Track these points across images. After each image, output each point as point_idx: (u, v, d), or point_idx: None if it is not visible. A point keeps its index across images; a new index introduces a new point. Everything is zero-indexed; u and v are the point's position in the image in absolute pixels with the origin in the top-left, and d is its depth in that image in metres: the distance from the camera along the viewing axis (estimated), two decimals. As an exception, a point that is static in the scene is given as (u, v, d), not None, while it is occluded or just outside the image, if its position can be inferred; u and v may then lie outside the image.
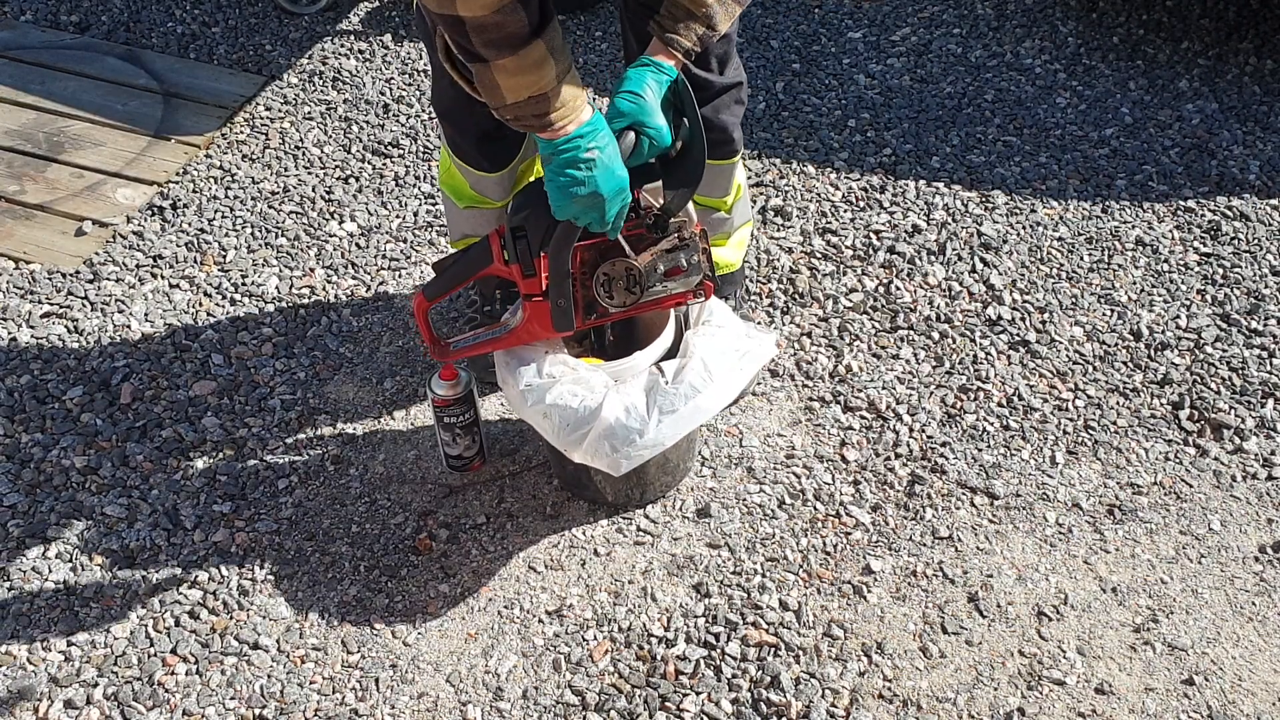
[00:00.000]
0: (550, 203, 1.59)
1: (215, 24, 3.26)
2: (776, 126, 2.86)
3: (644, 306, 1.76)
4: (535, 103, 1.49)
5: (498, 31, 1.42)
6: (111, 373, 2.28)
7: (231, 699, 1.79)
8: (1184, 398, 2.21)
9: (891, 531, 2.00)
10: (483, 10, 1.40)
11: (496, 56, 1.44)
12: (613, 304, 1.73)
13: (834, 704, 1.76)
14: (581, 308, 1.74)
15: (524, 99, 1.49)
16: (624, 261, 1.71)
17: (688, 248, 1.73)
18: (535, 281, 1.71)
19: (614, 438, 1.70)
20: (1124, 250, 2.53)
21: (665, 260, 1.72)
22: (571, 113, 1.52)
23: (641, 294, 1.74)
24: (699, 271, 1.75)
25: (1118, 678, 1.80)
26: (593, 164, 1.55)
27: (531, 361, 1.78)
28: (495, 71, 1.46)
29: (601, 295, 1.73)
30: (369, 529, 2.02)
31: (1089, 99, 2.94)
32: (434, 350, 1.86)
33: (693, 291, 1.77)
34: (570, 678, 1.81)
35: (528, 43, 1.44)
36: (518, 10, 1.41)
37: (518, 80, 1.47)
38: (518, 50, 1.44)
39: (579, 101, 1.53)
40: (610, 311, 1.75)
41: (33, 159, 2.82)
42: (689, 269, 1.74)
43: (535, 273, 1.70)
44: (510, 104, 1.50)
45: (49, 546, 1.99)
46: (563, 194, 1.57)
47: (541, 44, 1.45)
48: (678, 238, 1.72)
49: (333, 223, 2.62)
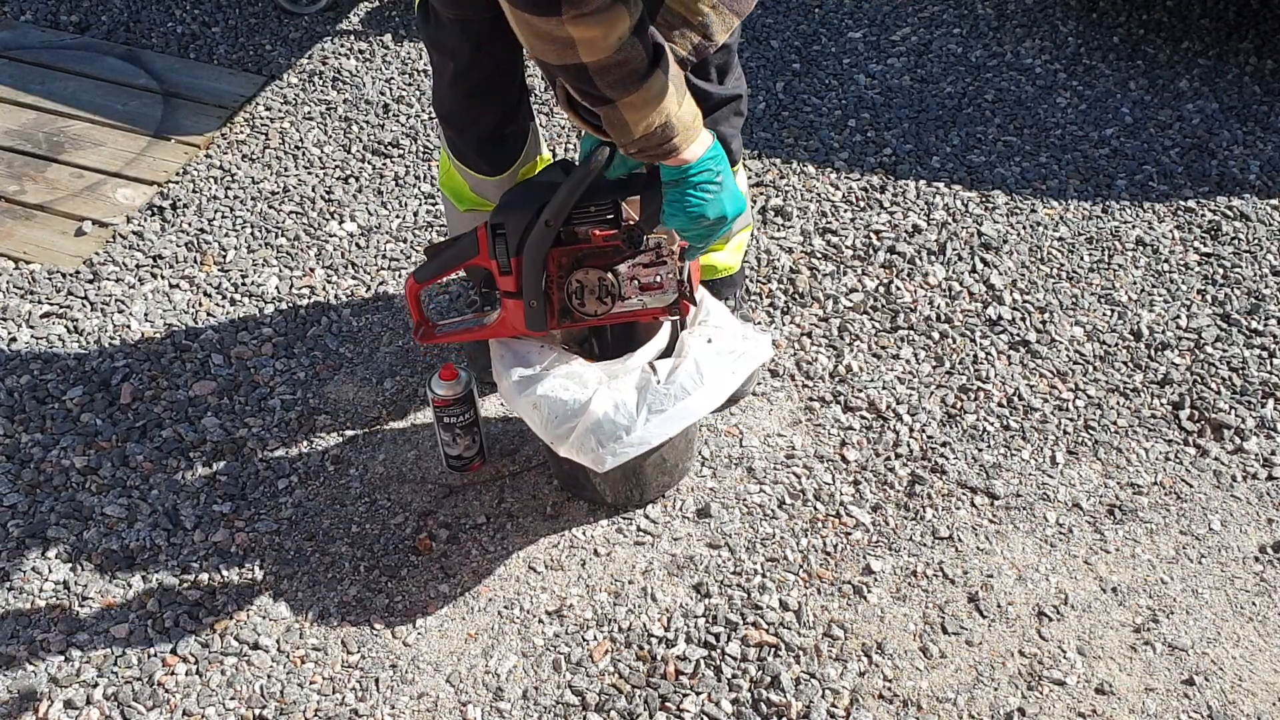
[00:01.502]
0: (668, 222, 1.60)
1: (215, 24, 3.26)
2: (776, 126, 2.87)
3: (617, 317, 1.76)
4: (661, 131, 1.47)
5: (621, 70, 1.39)
6: (111, 373, 2.29)
7: (231, 699, 1.79)
8: (1184, 398, 2.21)
9: (891, 531, 2.00)
10: (605, 53, 1.37)
11: (623, 95, 1.41)
12: (584, 311, 1.74)
13: (834, 704, 1.76)
14: (556, 311, 1.74)
15: (652, 130, 1.47)
16: (597, 271, 1.70)
17: (665, 264, 1.73)
18: (511, 279, 1.72)
19: (601, 433, 1.70)
20: (1124, 250, 2.53)
21: (642, 274, 1.72)
22: (692, 135, 1.51)
23: (614, 305, 1.73)
24: (675, 290, 1.74)
25: (1118, 678, 1.80)
26: (720, 188, 1.56)
27: (526, 354, 1.78)
28: (623, 110, 1.43)
29: (573, 302, 1.73)
30: (369, 529, 2.02)
31: (1089, 99, 2.94)
32: (419, 331, 1.86)
33: (667, 309, 1.76)
34: (570, 678, 1.81)
35: (649, 74, 1.41)
36: (636, 44, 1.39)
37: (643, 114, 1.44)
38: (641, 84, 1.41)
39: (698, 123, 1.52)
40: (584, 319, 1.75)
41: (33, 159, 2.82)
42: (666, 285, 1.74)
43: (511, 271, 1.71)
44: (638, 138, 1.47)
45: (49, 546, 1.99)
46: (687, 215, 1.57)
47: (660, 73, 1.43)
48: (655, 253, 1.72)
49: (333, 223, 2.62)
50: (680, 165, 1.54)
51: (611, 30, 1.35)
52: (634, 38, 1.38)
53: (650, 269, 1.72)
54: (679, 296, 1.75)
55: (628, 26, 1.36)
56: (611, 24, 1.35)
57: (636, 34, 1.38)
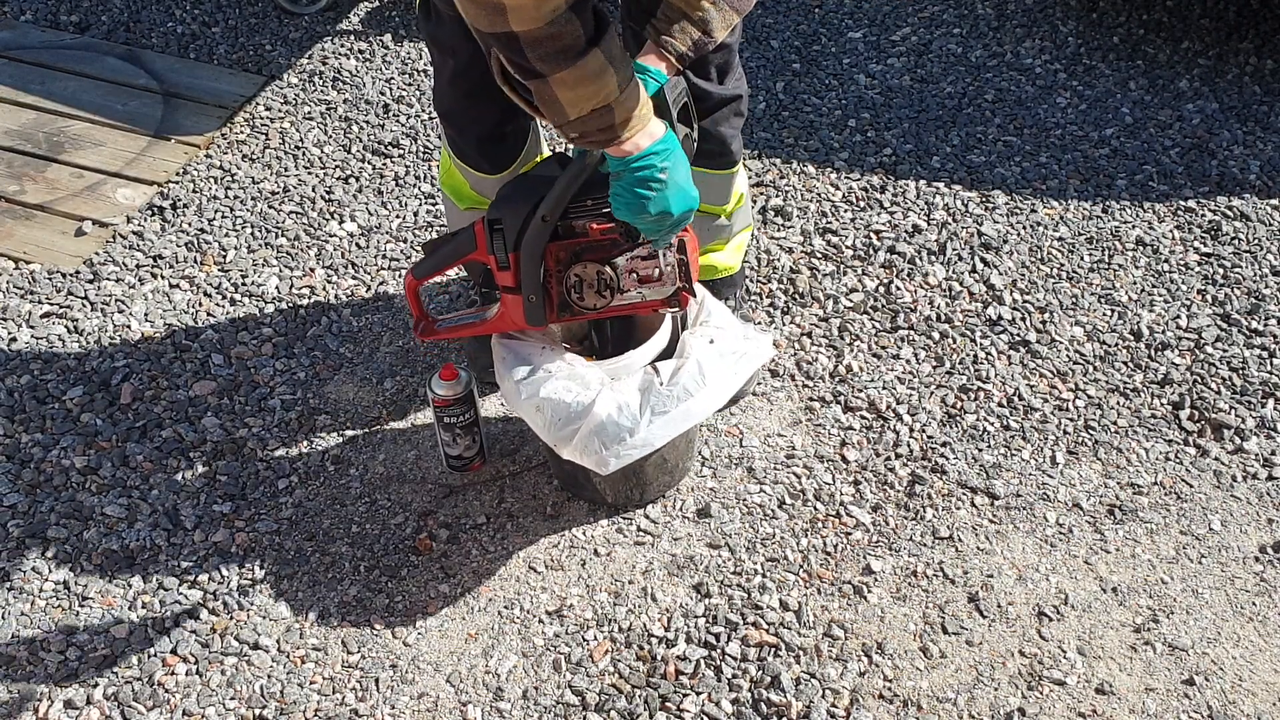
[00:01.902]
0: (616, 215, 1.59)
1: (215, 24, 3.26)
2: (776, 126, 2.86)
3: (616, 310, 1.76)
4: (599, 115, 1.44)
5: (554, 44, 1.37)
6: (111, 373, 2.28)
7: (231, 699, 1.79)
8: (1184, 398, 2.21)
9: (892, 531, 2.00)
10: (536, 23, 1.34)
11: (554, 70, 1.39)
12: (583, 305, 1.73)
13: (834, 704, 1.76)
14: (555, 305, 1.74)
15: (587, 113, 1.44)
16: (595, 265, 1.70)
17: (664, 256, 1.72)
18: (510, 274, 1.71)
19: (604, 435, 1.70)
20: (1124, 250, 2.53)
21: (641, 267, 1.72)
22: (639, 124, 1.49)
23: (612, 298, 1.73)
24: (674, 281, 1.74)
25: (1118, 678, 1.80)
26: (664, 183, 1.53)
27: (528, 356, 1.78)
28: (555, 86, 1.40)
29: (572, 296, 1.73)
30: (369, 529, 2.02)
31: (1089, 99, 2.94)
32: (419, 326, 1.86)
33: (666, 300, 1.76)
34: (570, 678, 1.81)
35: (585, 53, 1.38)
36: (572, 19, 1.36)
37: (578, 93, 1.41)
38: (575, 61, 1.38)
39: (645, 112, 1.49)
40: (583, 312, 1.75)
41: (33, 159, 2.82)
42: (665, 278, 1.73)
43: (509, 265, 1.70)
44: (574, 119, 1.45)
45: (49, 546, 1.99)
46: (631, 211, 1.56)
47: (599, 53, 1.40)
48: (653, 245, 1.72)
49: (333, 223, 2.62)
50: (622, 156, 1.51)
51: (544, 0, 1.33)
52: (570, 12, 1.36)
53: (648, 261, 1.72)
54: (678, 288, 1.75)
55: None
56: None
57: (574, 9, 1.36)
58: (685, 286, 1.75)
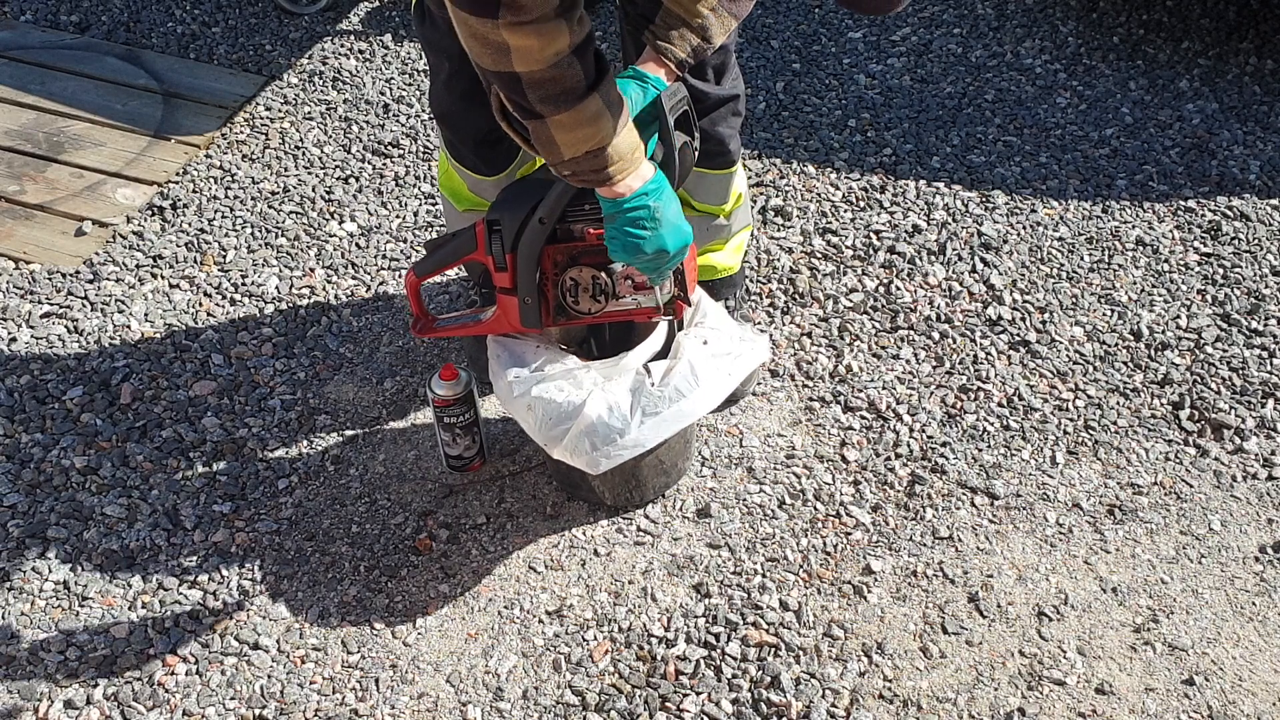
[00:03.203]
0: (612, 256, 1.60)
1: (215, 24, 3.26)
2: (776, 126, 2.86)
3: (611, 316, 1.76)
4: (593, 157, 1.46)
5: (554, 86, 1.38)
6: (111, 373, 2.28)
7: (231, 699, 1.79)
8: (1184, 398, 2.21)
9: (891, 531, 2.00)
10: (539, 65, 1.36)
11: (553, 112, 1.40)
12: (578, 309, 1.74)
13: (834, 704, 1.76)
14: (551, 308, 1.74)
15: (581, 154, 1.45)
16: (590, 269, 1.70)
17: None
18: (506, 275, 1.72)
19: (595, 436, 1.70)
20: (1124, 250, 2.53)
21: (635, 273, 1.72)
22: (630, 166, 1.50)
23: (607, 303, 1.73)
24: (670, 289, 1.74)
25: (1118, 678, 1.80)
26: (658, 222, 1.54)
27: (522, 355, 1.78)
28: (552, 128, 1.42)
29: (568, 300, 1.73)
30: (369, 529, 2.02)
31: (1089, 99, 2.94)
32: (417, 324, 1.86)
33: (661, 308, 1.76)
34: (570, 678, 1.81)
35: (584, 97, 1.40)
36: (574, 64, 1.37)
37: (575, 135, 1.43)
38: (574, 105, 1.40)
39: (637, 155, 1.51)
40: (578, 317, 1.75)
41: (33, 159, 2.82)
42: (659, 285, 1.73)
43: (506, 267, 1.71)
44: (568, 159, 1.46)
45: (49, 546, 1.99)
46: (626, 250, 1.57)
47: (598, 98, 1.41)
48: None
49: (333, 223, 2.62)
50: (615, 197, 1.53)
51: (549, 43, 1.34)
52: (573, 56, 1.37)
53: None
54: (673, 296, 1.75)
55: (567, 43, 1.35)
56: (550, 37, 1.33)
57: (576, 53, 1.37)
58: (681, 295, 1.75)
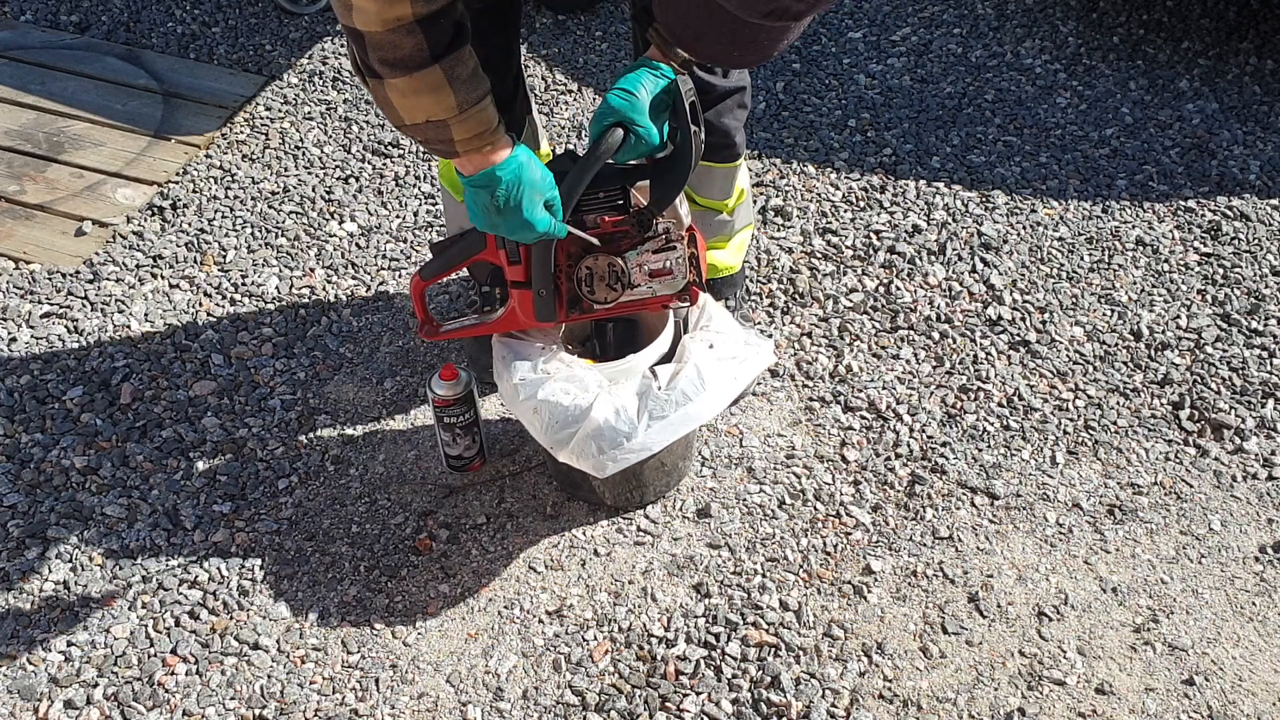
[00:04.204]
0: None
1: (215, 24, 3.26)
2: (776, 126, 2.87)
3: (627, 306, 1.75)
4: (435, 128, 1.47)
5: (393, 51, 1.39)
6: (111, 373, 2.28)
7: (231, 699, 1.79)
8: (1184, 398, 2.21)
9: (891, 531, 2.00)
10: (378, 27, 1.37)
11: (389, 75, 1.42)
12: (595, 299, 1.73)
13: (834, 704, 1.76)
14: (565, 300, 1.74)
15: (421, 122, 1.46)
16: (607, 257, 1.70)
17: (675, 249, 1.72)
18: (520, 269, 1.71)
19: (601, 439, 1.70)
20: (1124, 250, 2.53)
21: (651, 260, 1.72)
22: (480, 145, 1.50)
23: (623, 292, 1.73)
24: (685, 275, 1.74)
25: (1118, 678, 1.80)
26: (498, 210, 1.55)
27: (528, 357, 1.78)
28: (388, 90, 1.44)
29: (584, 290, 1.72)
30: (369, 529, 2.02)
31: (1089, 99, 2.94)
32: (424, 329, 1.86)
33: (678, 295, 1.75)
34: (570, 678, 1.81)
35: (424, 67, 1.41)
36: (415, 32, 1.38)
37: (411, 102, 1.44)
38: (411, 72, 1.41)
39: (488, 135, 1.50)
40: (593, 308, 1.75)
41: (33, 159, 2.82)
42: (676, 271, 1.73)
43: (520, 260, 1.70)
44: (408, 125, 1.48)
45: (49, 546, 1.99)
46: (476, 219, 1.60)
47: (439, 70, 1.41)
48: (665, 239, 1.71)
49: (333, 223, 2.62)
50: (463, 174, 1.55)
51: (387, 8, 1.35)
52: (416, 25, 1.37)
53: (659, 255, 1.72)
54: (689, 282, 1.75)
55: (409, 12, 1.36)
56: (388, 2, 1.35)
57: (421, 23, 1.37)
58: (696, 281, 1.75)
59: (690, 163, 1.63)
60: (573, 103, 2.96)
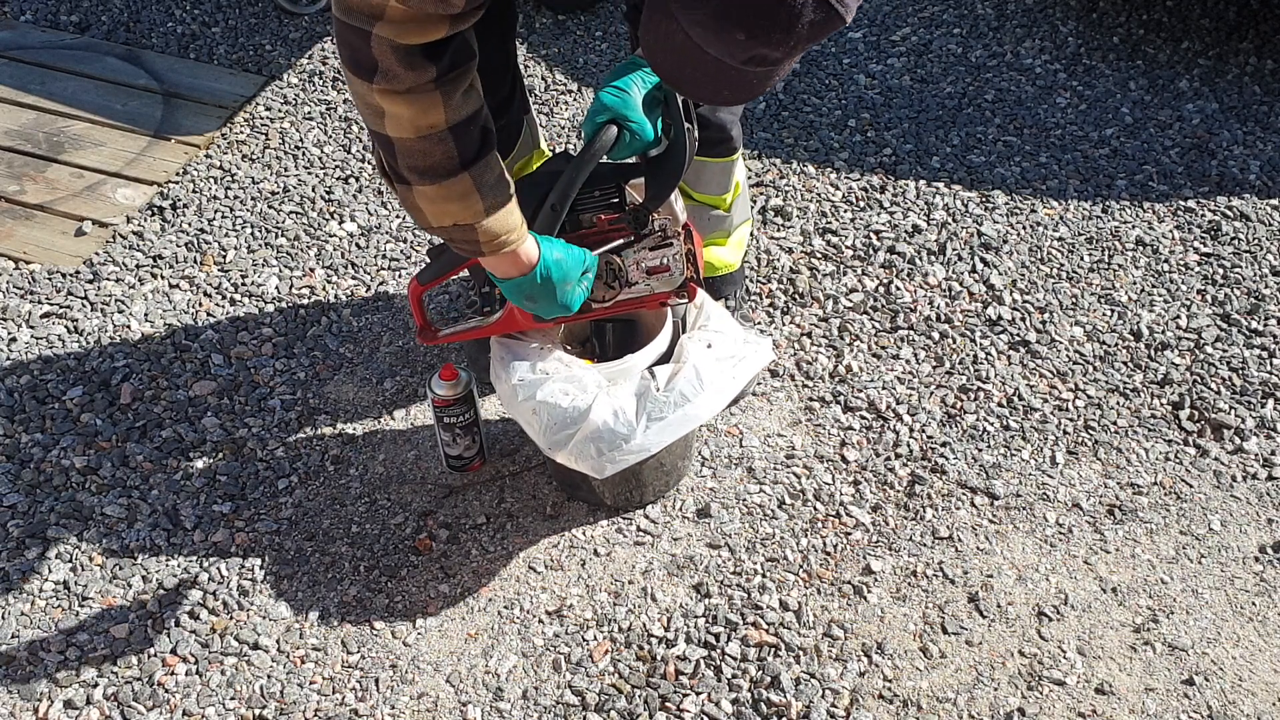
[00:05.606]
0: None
1: (215, 24, 3.26)
2: (776, 126, 2.87)
3: (626, 304, 1.75)
4: (461, 230, 1.48)
5: (423, 159, 1.39)
6: (111, 373, 2.28)
7: (231, 699, 1.79)
8: (1184, 398, 2.21)
9: (891, 531, 2.00)
10: (410, 134, 1.37)
11: (418, 182, 1.42)
12: (593, 298, 1.73)
13: (834, 704, 1.76)
14: None
15: (448, 225, 1.47)
16: (604, 255, 1.70)
17: (671, 246, 1.72)
18: None
19: (600, 441, 1.69)
20: (1124, 250, 2.53)
21: (648, 257, 1.71)
22: (505, 246, 1.51)
23: (621, 289, 1.73)
24: (683, 271, 1.74)
25: (1118, 678, 1.80)
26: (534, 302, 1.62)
27: (526, 358, 1.77)
28: (416, 196, 1.44)
29: None
30: (369, 529, 2.02)
31: (1089, 99, 2.94)
32: (423, 334, 1.86)
33: (676, 291, 1.75)
34: (570, 678, 1.81)
35: (453, 175, 1.41)
36: (446, 140, 1.38)
37: (439, 208, 1.45)
38: (440, 180, 1.41)
39: (513, 236, 1.51)
40: (592, 307, 1.74)
41: (33, 159, 2.82)
42: (673, 268, 1.73)
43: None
44: (435, 227, 1.49)
45: (49, 546, 1.99)
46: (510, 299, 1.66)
47: (468, 177, 1.42)
48: (661, 235, 1.71)
49: (333, 223, 2.62)
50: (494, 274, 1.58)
51: (422, 116, 1.34)
52: (449, 133, 1.37)
53: (656, 252, 1.71)
54: (686, 279, 1.74)
55: (443, 119, 1.35)
56: (423, 110, 1.34)
57: (454, 130, 1.37)
58: (694, 277, 1.75)
59: (684, 158, 1.63)
60: (572, 103, 2.96)
